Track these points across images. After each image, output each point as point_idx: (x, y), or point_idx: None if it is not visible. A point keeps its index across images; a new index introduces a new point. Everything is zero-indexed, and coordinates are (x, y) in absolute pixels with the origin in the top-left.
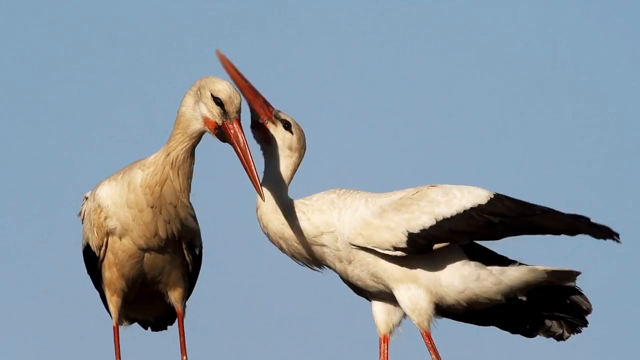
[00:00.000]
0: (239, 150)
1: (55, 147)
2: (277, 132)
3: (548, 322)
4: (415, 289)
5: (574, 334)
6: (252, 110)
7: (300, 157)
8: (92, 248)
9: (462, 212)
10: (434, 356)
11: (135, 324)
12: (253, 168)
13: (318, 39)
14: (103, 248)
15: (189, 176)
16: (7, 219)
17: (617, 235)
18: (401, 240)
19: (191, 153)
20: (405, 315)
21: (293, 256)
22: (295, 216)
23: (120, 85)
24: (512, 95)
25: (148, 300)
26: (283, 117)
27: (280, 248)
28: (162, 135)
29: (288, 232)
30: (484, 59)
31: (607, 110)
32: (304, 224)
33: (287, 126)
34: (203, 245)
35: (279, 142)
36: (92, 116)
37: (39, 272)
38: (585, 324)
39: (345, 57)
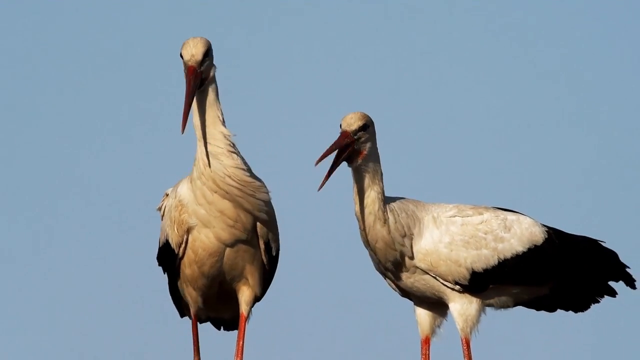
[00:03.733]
0: (186, 90)
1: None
2: (364, 140)
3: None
4: (476, 300)
5: (594, 304)
6: (346, 158)
7: (376, 137)
8: (172, 245)
9: (520, 253)
10: None
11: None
12: (189, 105)
13: (320, 39)
14: (182, 245)
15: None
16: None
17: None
18: (464, 277)
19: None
20: (446, 317)
21: (369, 245)
22: (389, 209)
23: (121, 86)
24: (514, 96)
25: (226, 299)
26: (356, 125)
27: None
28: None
29: (383, 225)
30: (483, 60)
31: (606, 112)
32: (394, 218)
33: (364, 128)
34: (280, 248)
35: (369, 143)
36: (93, 117)
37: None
38: (613, 294)
39: (344, 58)
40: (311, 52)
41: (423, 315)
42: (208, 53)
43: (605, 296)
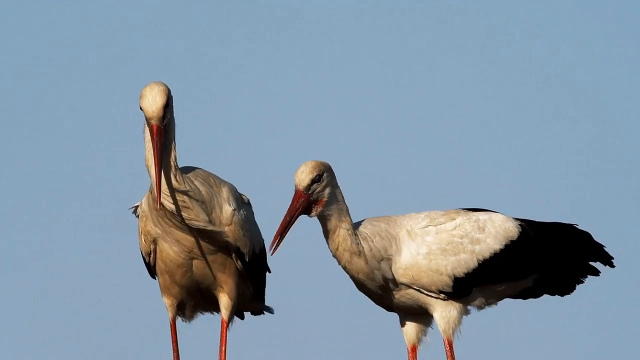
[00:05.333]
0: (153, 154)
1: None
2: (319, 190)
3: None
4: (458, 304)
5: (578, 284)
6: (302, 212)
7: (334, 174)
8: (142, 254)
9: (498, 251)
10: None
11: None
12: (159, 171)
13: (320, 41)
14: (152, 255)
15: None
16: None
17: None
18: (448, 285)
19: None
20: (431, 324)
21: (352, 276)
22: (362, 237)
23: (121, 87)
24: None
25: (213, 300)
26: (308, 180)
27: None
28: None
29: (359, 257)
30: (481, 61)
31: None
32: (369, 245)
33: (317, 179)
34: (265, 253)
35: (327, 190)
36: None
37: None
38: (597, 273)
39: (343, 58)
40: (301, 54)
41: (408, 325)
42: (168, 102)
43: (588, 276)
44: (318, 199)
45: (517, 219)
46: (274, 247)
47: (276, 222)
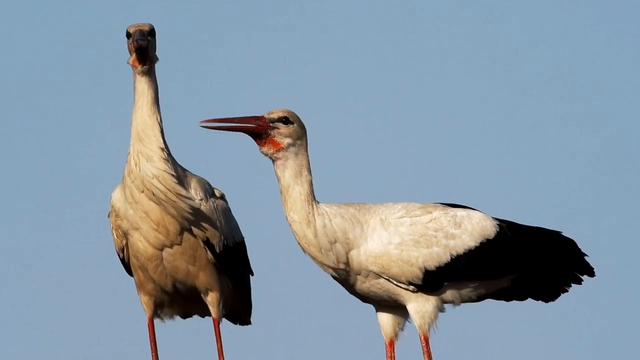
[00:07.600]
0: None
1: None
2: (282, 132)
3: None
4: (432, 298)
5: (561, 294)
6: (251, 132)
7: (306, 139)
8: (116, 250)
9: (473, 248)
10: None
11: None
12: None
13: (319, 41)
14: (125, 250)
15: (160, 136)
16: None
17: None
18: (418, 277)
19: (150, 109)
20: (408, 318)
21: (303, 250)
22: (318, 212)
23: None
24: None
25: (195, 299)
26: (276, 115)
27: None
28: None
29: (308, 226)
30: (479, 61)
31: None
32: (323, 222)
33: (285, 120)
34: (243, 244)
35: (288, 139)
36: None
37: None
38: (579, 282)
39: (343, 59)
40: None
41: (385, 319)
42: (153, 34)
43: (572, 285)
44: (274, 138)
45: (496, 219)
46: (209, 124)
47: (256, 216)
